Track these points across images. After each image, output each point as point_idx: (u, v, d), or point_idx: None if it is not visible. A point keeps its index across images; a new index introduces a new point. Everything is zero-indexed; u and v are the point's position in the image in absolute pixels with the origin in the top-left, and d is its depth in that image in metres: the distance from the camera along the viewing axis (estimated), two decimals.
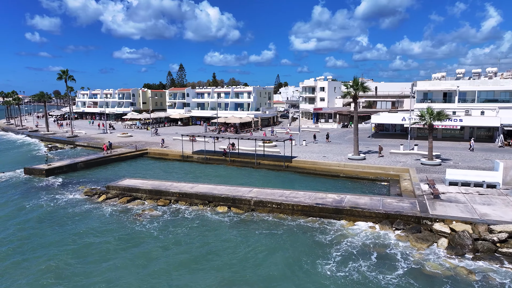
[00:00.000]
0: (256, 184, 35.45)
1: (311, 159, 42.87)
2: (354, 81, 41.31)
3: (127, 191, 31.32)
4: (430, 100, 58.81)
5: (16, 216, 27.48)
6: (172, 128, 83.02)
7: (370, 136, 60.21)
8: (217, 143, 54.45)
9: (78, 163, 43.40)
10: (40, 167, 40.06)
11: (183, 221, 25.89)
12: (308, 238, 22.41)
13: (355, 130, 42.20)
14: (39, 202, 30.50)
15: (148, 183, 32.40)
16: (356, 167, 38.93)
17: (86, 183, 36.90)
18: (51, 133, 73.83)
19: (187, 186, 31.31)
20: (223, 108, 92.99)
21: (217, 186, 31.00)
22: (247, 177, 39.08)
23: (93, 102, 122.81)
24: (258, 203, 27.04)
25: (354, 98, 42.14)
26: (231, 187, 30.78)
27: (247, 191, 29.41)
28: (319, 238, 22.25)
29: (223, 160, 46.18)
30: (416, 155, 43.26)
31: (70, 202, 30.39)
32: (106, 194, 31.72)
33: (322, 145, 53.11)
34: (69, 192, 33.62)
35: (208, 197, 28.65)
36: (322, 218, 25.26)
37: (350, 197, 27.09)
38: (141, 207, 28.92)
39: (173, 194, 29.75)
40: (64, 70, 67.31)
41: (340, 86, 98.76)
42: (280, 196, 27.84)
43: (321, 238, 22.24)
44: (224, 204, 28.01)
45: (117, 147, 55.97)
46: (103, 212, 28.02)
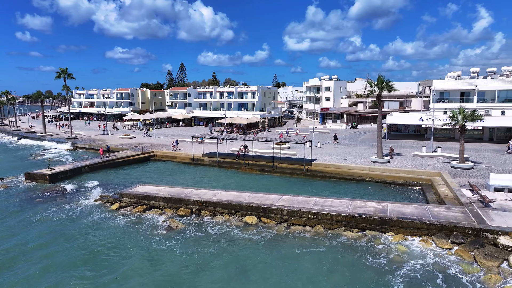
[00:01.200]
0: (278, 190, 32.98)
1: (331, 162, 40.48)
2: (378, 79, 39.00)
3: (142, 199, 28.58)
4: (447, 100, 56.79)
5: (20, 232, 24.42)
6: (175, 129, 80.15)
7: (385, 137, 57.96)
8: (228, 145, 51.79)
9: (83, 167, 40.51)
10: (43, 172, 37.11)
11: (209, 235, 23.15)
12: (358, 260, 19.45)
13: (379, 132, 39.87)
14: (46, 214, 27.48)
15: (165, 190, 29.69)
16: (382, 171, 36.59)
17: (94, 189, 34.04)
18: (49, 135, 70.57)
19: (208, 193, 28.66)
20: (226, 108, 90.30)
21: (242, 193, 28.40)
22: (266, 182, 36.53)
23: (90, 102, 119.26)
24: (292, 213, 24.51)
25: (378, 98, 39.83)
26: (257, 194, 28.21)
27: (277, 198, 26.88)
28: (371, 260, 19.31)
29: (237, 163, 43.54)
30: (442, 157, 41.08)
31: (80, 213, 27.55)
32: (119, 202, 28.95)
33: (338, 147, 50.74)
34: (77, 200, 30.77)
35: (234, 206, 26.05)
36: (365, 230, 22.81)
37: (393, 206, 24.69)
38: (160, 218, 26.23)
39: (194, 202, 27.08)
40: (63, 68, 64.35)
41: (345, 86, 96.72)
42: (314, 204, 25.34)
43: (374, 260, 19.30)
44: (253, 214, 25.43)
45: (121, 149, 53.09)
46: (118, 223, 25.25)
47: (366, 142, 56.11)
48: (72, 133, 67.03)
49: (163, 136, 66.44)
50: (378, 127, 40.05)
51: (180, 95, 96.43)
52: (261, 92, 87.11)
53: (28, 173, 37.44)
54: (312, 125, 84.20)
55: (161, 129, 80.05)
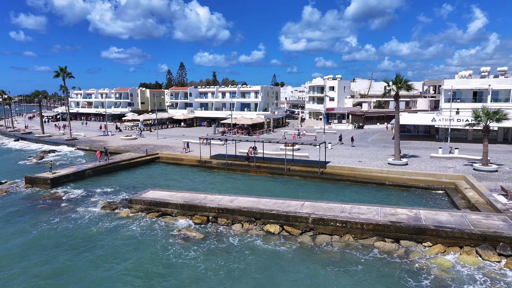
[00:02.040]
0: (294, 195, 31.32)
1: (346, 164, 38.80)
2: (396, 78, 37.37)
3: (154, 205, 26.68)
4: (459, 100, 55.30)
5: (21, 245, 22.42)
6: (176, 130, 78.17)
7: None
8: (234, 147, 49.95)
9: (86, 170, 38.48)
10: (44, 176, 35.06)
11: (232, 247, 21.33)
12: (398, 279, 17.48)
13: (397, 133, 38.25)
14: (49, 224, 25.39)
15: (178, 196, 27.80)
16: (402, 174, 34.95)
17: (99, 195, 32.11)
18: (47, 136, 68.30)
19: (225, 199, 26.82)
20: (228, 108, 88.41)
21: (261, 199, 26.60)
22: (280, 186, 34.80)
23: (88, 102, 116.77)
24: (318, 221, 22.75)
25: (396, 97, 38.21)
26: (277, 200, 26.42)
27: (299, 205, 25.11)
28: (414, 280, 17.29)
29: (247, 166, 41.72)
30: (461, 159, 39.54)
31: (87, 222, 25.56)
32: (129, 209, 27.03)
33: (350, 148, 49.08)
34: (82, 207, 28.78)
35: (254, 214, 24.24)
36: (399, 239, 21.11)
37: (426, 213, 23.00)
38: (174, 226, 24.37)
39: (210, 209, 25.24)
40: (61, 67, 62.10)
41: (349, 86, 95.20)
42: (341, 211, 23.60)
43: (417, 280, 17.29)
44: (275, 222, 23.64)
45: (124, 151, 51.09)
46: (130, 233, 23.35)
47: (377, 143, 54.53)
48: (71, 134, 64.81)
49: (165, 137, 64.47)
50: (396, 128, 38.43)
51: (181, 95, 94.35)
52: (264, 91, 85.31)
53: (29, 177, 35.37)
54: (316, 125, 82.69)
55: (163, 129, 78.01)
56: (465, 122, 50.86)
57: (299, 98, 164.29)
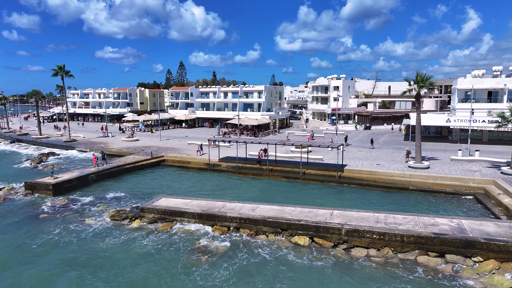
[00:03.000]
0: (313, 201, 29.42)
1: (364, 167, 36.91)
2: (417, 76, 35.55)
3: (168, 214, 24.53)
4: (474, 100, 53.61)
5: (21, 262, 20.27)
6: (178, 131, 75.86)
7: (409, 139, 54.66)
8: (241, 149, 47.88)
9: (90, 175, 36.18)
10: (45, 181, 32.72)
11: (264, 263, 19.24)
12: None
13: (418, 134, 36.43)
14: (53, 236, 23.11)
15: (193, 204, 25.66)
16: (425, 178, 33.10)
17: (106, 202, 29.87)
18: (45, 137, 65.71)
19: (245, 207, 24.74)
20: (231, 109, 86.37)
21: (284, 207, 24.55)
22: (297, 191, 32.73)
23: (85, 103, 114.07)
24: (352, 232, 20.76)
25: (418, 96, 36.41)
26: (303, 208, 24.38)
27: (328, 214, 23.11)
28: None
29: (259, 169, 39.67)
30: (484, 162, 37.79)
31: (95, 234, 23.32)
32: (140, 218, 24.87)
33: (363, 150, 47.20)
34: (88, 216, 26.52)
35: (281, 224, 22.19)
36: (444, 253, 19.18)
37: (468, 223, 21.09)
38: (193, 237, 22.26)
39: (232, 219, 23.15)
40: (60, 65, 59.55)
41: (354, 85, 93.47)
42: (376, 222, 21.63)
43: None
44: (303, 234, 21.62)
45: (127, 153, 48.81)
46: (144, 249, 21.11)
47: (389, 144, 52.73)
48: (70, 135, 62.31)
49: (168, 139, 62.20)
50: (417, 129, 36.62)
51: (181, 95, 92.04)
52: (268, 91, 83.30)
53: (29, 183, 33.01)
54: (322, 126, 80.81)
55: (164, 130, 75.59)
56: (481, 122, 49.51)
57: (299, 98, 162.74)
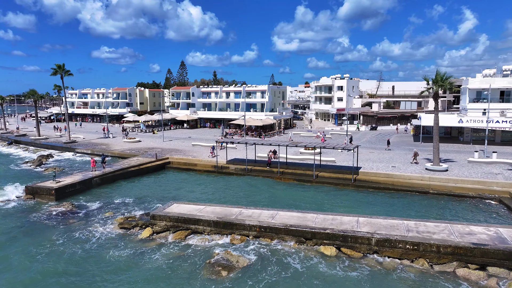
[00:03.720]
0: (331, 206, 28.00)
1: (379, 170, 35.50)
2: (437, 75, 34.17)
3: (182, 222, 22.93)
4: (485, 100, 52.38)
5: (21, 277, 18.62)
6: (180, 131, 74.16)
7: (420, 140, 53.29)
8: (248, 150, 46.35)
9: (93, 179, 34.52)
10: (47, 186, 31.03)
11: (296, 276, 17.67)
12: None
13: (436, 136, 35.03)
14: (57, 247, 21.40)
15: (208, 210, 24.08)
16: (446, 181, 31.70)
17: (112, 208, 28.22)
18: (43, 138, 63.82)
19: (264, 214, 23.20)
20: (233, 109, 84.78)
21: (306, 214, 23.03)
22: (312, 196, 31.19)
23: (83, 103, 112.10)
24: (383, 242, 19.27)
25: (436, 96, 35.02)
26: (326, 215, 22.87)
27: (353, 221, 21.62)
28: None
29: (269, 172, 38.16)
30: (503, 164, 36.47)
31: (102, 244, 21.65)
32: (151, 226, 23.27)
33: (375, 152, 45.79)
34: (95, 224, 24.85)
35: (304, 233, 20.66)
36: (485, 266, 17.73)
37: (507, 231, 19.66)
38: (210, 247, 20.70)
39: (250, 227, 21.60)
40: (59, 64, 57.77)
41: (358, 85, 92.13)
42: (407, 230, 20.15)
43: None
44: (329, 243, 20.10)
45: (130, 155, 47.15)
46: (157, 261, 19.45)
47: (400, 145, 51.33)
48: (70, 136, 60.51)
49: (171, 140, 60.55)
50: (435, 130, 35.21)
51: (183, 95, 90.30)
52: (271, 91, 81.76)
53: (30, 187, 31.30)
54: (327, 126, 79.40)
55: (166, 131, 73.71)
56: (495, 123, 48.23)
57: (299, 98, 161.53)
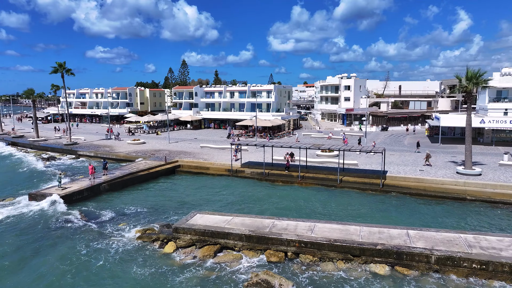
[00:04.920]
0: (361, 214, 25.87)
1: (407, 174, 33.30)
2: (468, 73, 32.02)
3: (209, 236, 20.48)
4: (507, 99, 50.52)
5: None
6: (184, 132, 71.55)
7: (438, 142, 51.17)
8: (258, 153, 43.94)
9: (102, 184, 31.95)
10: (53, 193, 28.40)
11: None
12: None
13: (468, 137, 32.88)
14: (65, 267, 18.94)
15: (236, 222, 21.64)
16: (482, 186, 29.54)
17: (126, 218, 25.69)
18: (42, 140, 60.98)
19: (300, 226, 20.81)
20: (237, 109, 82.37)
21: (348, 226, 20.67)
22: (341, 204, 28.85)
23: (81, 103, 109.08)
24: (445, 260, 16.97)
25: (468, 95, 32.87)
26: (371, 227, 20.53)
27: (403, 234, 19.31)
28: None
29: (288, 176, 35.80)
30: None
31: (119, 261, 19.15)
32: (174, 240, 20.80)
33: (395, 154, 43.54)
34: (110, 237, 22.31)
35: (352, 249, 18.31)
36: None
37: None
38: (244, 267, 18.29)
39: (288, 242, 19.20)
40: (60, 62, 55.23)
41: (365, 85, 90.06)
42: (468, 246, 17.87)
43: None
44: (381, 261, 17.77)
45: (135, 157, 44.54)
46: (187, 282, 17.06)
47: (414, 146, 49.07)
48: (71, 138, 57.72)
49: (177, 141, 58.02)
50: (467, 131, 33.06)
51: (185, 95, 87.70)
52: (277, 91, 79.44)
53: (33, 194, 28.68)
54: (336, 127, 77.24)
55: (169, 132, 70.96)
56: None
57: (301, 98, 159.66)
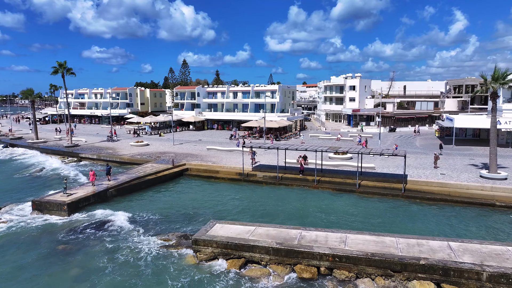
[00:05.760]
0: (394, 223, 24.28)
1: (428, 178, 31.86)
2: (495, 72, 30.61)
3: (232, 249, 18.83)
4: None
5: None
6: (188, 134, 69.79)
7: (452, 143, 49.78)
8: (267, 155, 42.34)
9: (108, 190, 30.22)
10: (58, 200, 26.66)
11: None
12: None
13: (493, 140, 31.47)
14: (78, 285, 17.43)
15: (261, 233, 19.99)
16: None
17: (138, 227, 23.98)
18: (42, 141, 59.04)
19: (330, 237, 19.20)
20: (241, 110, 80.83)
21: (383, 238, 19.09)
22: (364, 211, 27.34)
23: (80, 103, 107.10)
24: (498, 278, 15.45)
25: (494, 96, 31.45)
26: (408, 239, 18.93)
27: (444, 247, 17.76)
28: None
29: (303, 180, 34.23)
30: None
31: (135, 275, 17.57)
32: (194, 253, 19.15)
33: (411, 157, 42.03)
34: (124, 249, 20.60)
35: (392, 264, 16.73)
36: None
37: None
38: (273, 285, 16.67)
39: (321, 256, 17.60)
40: (61, 62, 53.24)
41: (370, 85, 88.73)
42: None
43: None
44: (425, 278, 16.23)
45: (141, 160, 42.84)
46: None
47: (433, 149, 47.69)
48: (72, 139, 55.86)
49: (181, 143, 56.30)
50: (492, 133, 31.66)
51: (187, 95, 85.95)
52: (282, 91, 77.90)
53: (37, 201, 26.88)
54: (342, 128, 75.79)
55: (172, 133, 69.17)
56: None
57: (301, 99, 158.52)
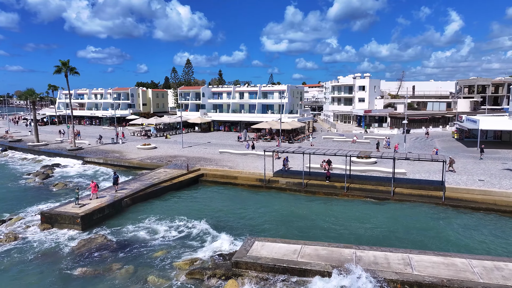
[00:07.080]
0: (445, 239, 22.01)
1: (466, 184, 29.64)
2: None
3: (280, 272, 16.39)
4: None
5: None
6: (195, 136, 67.15)
7: (477, 146, 47.58)
8: (288, 160, 39.93)
9: (123, 199, 27.64)
10: (70, 212, 24.04)
11: None
12: None
13: None
14: None
15: (309, 253, 17.54)
16: None
17: (161, 243, 21.44)
18: (43, 144, 56.22)
19: (391, 258, 16.80)
20: (247, 110, 78.45)
21: (452, 259, 16.66)
22: (408, 223, 24.99)
23: (79, 104, 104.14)
24: None
25: None
26: (482, 260, 16.49)
27: None
28: None
29: (331, 187, 31.85)
30: None
31: None
32: (235, 278, 16.68)
33: None
34: (151, 271, 18.10)
35: None
36: None
37: None
38: None
39: (389, 282, 15.21)
40: (64, 61, 50.57)
41: (379, 85, 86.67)
42: None
43: None
44: None
45: (153, 165, 40.25)
46: None
47: (457, 152, 45.54)
48: (75, 142, 53.12)
49: (190, 146, 53.73)
50: None
51: (192, 95, 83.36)
52: (290, 91, 75.58)
53: (47, 214, 24.24)
54: (354, 129, 73.58)
55: (177, 135, 66.57)
56: None
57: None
